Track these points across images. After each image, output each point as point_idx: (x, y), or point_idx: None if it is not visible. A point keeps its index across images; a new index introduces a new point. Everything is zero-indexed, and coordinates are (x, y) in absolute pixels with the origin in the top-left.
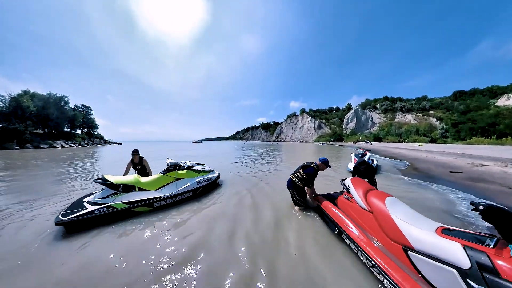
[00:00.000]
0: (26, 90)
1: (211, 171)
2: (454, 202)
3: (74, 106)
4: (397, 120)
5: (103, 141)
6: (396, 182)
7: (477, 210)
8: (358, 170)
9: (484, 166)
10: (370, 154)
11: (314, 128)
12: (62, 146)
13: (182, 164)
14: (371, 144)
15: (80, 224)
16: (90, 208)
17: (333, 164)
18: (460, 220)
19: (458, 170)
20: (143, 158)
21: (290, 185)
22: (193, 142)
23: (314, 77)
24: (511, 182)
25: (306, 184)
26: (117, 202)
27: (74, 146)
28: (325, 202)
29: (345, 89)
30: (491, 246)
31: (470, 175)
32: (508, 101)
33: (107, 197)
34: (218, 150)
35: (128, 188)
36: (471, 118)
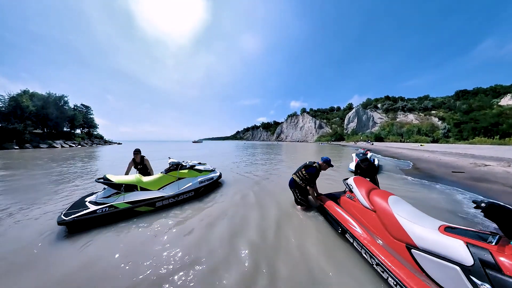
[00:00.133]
0: (25, 90)
1: (213, 171)
2: (460, 202)
3: (73, 106)
4: (398, 119)
5: (103, 141)
6: (399, 182)
7: (479, 208)
8: (360, 168)
9: (486, 166)
10: (371, 154)
11: (314, 128)
12: (62, 146)
13: (184, 163)
14: (372, 144)
15: (82, 224)
16: (92, 207)
17: (334, 164)
18: (468, 220)
19: (460, 170)
20: (145, 157)
21: (292, 184)
22: (193, 142)
23: (315, 76)
24: None
25: (308, 183)
26: (119, 201)
27: (73, 146)
28: (328, 201)
29: (346, 88)
30: (494, 243)
31: (472, 175)
32: (511, 100)
33: (109, 196)
34: (218, 150)
35: (130, 187)
36: (474, 118)
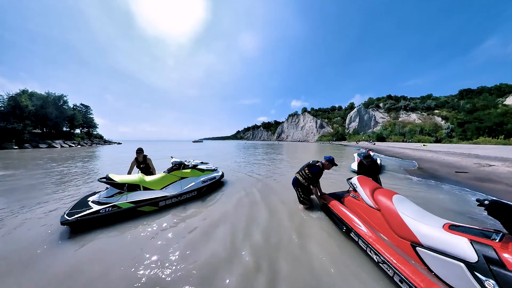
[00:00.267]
0: (24, 90)
1: (215, 170)
2: (468, 202)
3: (73, 106)
4: (401, 119)
5: (103, 140)
6: (403, 182)
7: (482, 206)
8: (363, 165)
9: (491, 166)
10: (373, 154)
11: (316, 127)
12: (61, 146)
13: (186, 163)
14: (374, 143)
15: (85, 223)
16: (96, 207)
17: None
18: (478, 221)
19: (464, 170)
20: (147, 156)
21: (295, 183)
22: (193, 142)
23: (316, 75)
24: None
25: (311, 182)
26: (122, 201)
27: (73, 145)
28: (332, 201)
29: (347, 87)
30: (497, 240)
31: (476, 175)
32: None
33: (112, 196)
34: (219, 149)
35: (132, 187)
36: (478, 117)
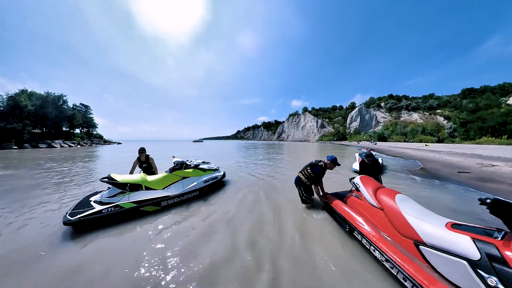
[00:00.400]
0: (23, 89)
1: (217, 170)
2: (471, 201)
3: (72, 105)
4: (402, 119)
5: (102, 140)
6: (406, 182)
7: (484, 204)
8: (365, 164)
9: (493, 166)
10: (375, 153)
11: (316, 127)
12: (61, 146)
13: (188, 162)
14: (376, 143)
15: (88, 223)
16: (98, 207)
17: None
18: (481, 220)
19: (466, 170)
20: (150, 156)
21: (298, 182)
22: (193, 142)
23: (317, 75)
24: None
25: (313, 182)
26: (124, 201)
27: (73, 145)
28: (335, 200)
29: (348, 87)
30: (499, 239)
31: (478, 175)
32: None
33: (114, 196)
34: (220, 149)
35: (134, 187)
36: (481, 117)
